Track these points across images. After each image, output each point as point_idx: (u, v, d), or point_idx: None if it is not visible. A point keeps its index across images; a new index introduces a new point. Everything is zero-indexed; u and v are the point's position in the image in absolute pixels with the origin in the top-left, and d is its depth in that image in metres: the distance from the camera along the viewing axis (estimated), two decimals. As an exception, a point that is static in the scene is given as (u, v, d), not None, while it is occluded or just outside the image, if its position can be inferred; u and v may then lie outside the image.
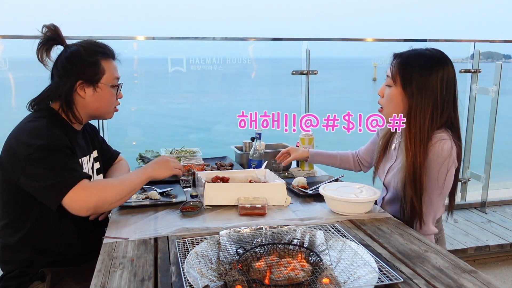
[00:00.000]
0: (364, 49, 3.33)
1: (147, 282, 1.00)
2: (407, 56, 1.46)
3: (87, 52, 1.41)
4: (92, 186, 1.29)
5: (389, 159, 1.62)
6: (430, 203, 1.45)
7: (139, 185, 1.42)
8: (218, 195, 1.50)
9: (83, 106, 1.44)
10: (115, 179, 1.42)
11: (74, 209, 1.26)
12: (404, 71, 1.43)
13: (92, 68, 1.41)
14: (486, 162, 3.41)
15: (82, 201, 1.25)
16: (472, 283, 0.99)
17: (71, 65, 1.40)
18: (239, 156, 2.07)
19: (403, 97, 1.45)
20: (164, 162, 1.51)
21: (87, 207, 1.26)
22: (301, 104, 3.07)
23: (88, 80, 1.41)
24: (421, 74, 1.41)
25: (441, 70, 1.41)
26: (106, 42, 1.50)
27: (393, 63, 1.48)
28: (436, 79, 1.41)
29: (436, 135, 1.41)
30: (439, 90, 1.41)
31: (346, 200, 1.41)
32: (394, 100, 1.47)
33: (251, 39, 2.97)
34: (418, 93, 1.42)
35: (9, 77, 2.87)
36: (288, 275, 0.93)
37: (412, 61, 1.44)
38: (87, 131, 1.59)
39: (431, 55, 1.44)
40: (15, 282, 1.34)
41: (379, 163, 1.67)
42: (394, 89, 1.47)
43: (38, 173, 1.24)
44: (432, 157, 1.40)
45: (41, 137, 1.27)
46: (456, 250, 2.79)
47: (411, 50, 1.48)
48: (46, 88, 1.43)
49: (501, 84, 3.21)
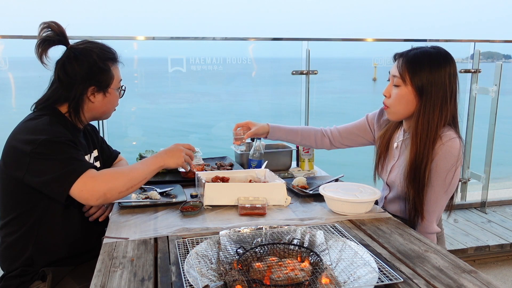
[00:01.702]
0: (364, 49, 3.33)
1: (147, 282, 1.00)
2: (413, 54, 1.45)
3: (101, 59, 1.41)
4: (101, 175, 1.28)
5: (392, 158, 1.62)
6: (435, 202, 1.45)
7: (150, 174, 1.38)
8: (218, 195, 1.50)
9: (90, 110, 1.44)
10: (125, 168, 1.39)
11: (83, 198, 1.25)
12: (414, 69, 1.43)
13: (105, 75, 1.42)
14: (486, 162, 3.41)
15: (91, 189, 1.24)
16: (472, 283, 0.99)
17: (85, 71, 1.38)
18: (239, 156, 2.07)
19: (413, 96, 1.45)
20: (176, 150, 1.45)
21: (97, 195, 1.25)
22: (301, 104, 3.07)
23: (100, 86, 1.42)
24: (430, 71, 1.42)
25: (448, 65, 1.43)
26: (106, 42, 1.50)
27: (399, 62, 1.47)
28: (445, 74, 1.42)
29: (445, 134, 1.42)
30: (447, 85, 1.43)
31: (346, 200, 1.41)
32: (404, 100, 1.47)
33: (251, 39, 2.97)
34: (428, 90, 1.42)
35: (9, 77, 2.87)
36: (288, 275, 0.93)
37: (420, 59, 1.44)
38: (88, 130, 1.60)
39: (436, 52, 1.45)
40: (16, 281, 1.34)
41: (380, 161, 1.66)
42: (403, 88, 1.46)
43: (44, 166, 1.24)
44: (443, 156, 1.40)
45: (43, 132, 1.27)
46: (456, 250, 2.79)
47: (413, 49, 1.48)
48: (53, 91, 1.41)
49: (501, 84, 3.21)
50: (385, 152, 1.65)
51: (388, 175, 1.62)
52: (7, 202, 1.37)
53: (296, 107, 3.11)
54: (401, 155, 1.57)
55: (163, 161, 1.41)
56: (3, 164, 1.33)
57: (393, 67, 1.51)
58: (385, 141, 1.65)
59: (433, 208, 1.46)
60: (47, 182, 1.24)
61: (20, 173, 1.26)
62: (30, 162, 1.24)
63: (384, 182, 1.67)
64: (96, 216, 1.46)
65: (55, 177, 1.23)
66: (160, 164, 1.40)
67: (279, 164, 2.08)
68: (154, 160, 1.41)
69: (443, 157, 1.40)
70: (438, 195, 1.45)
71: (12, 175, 1.30)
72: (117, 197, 1.31)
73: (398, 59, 1.49)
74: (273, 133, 1.83)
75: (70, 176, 1.23)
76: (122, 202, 1.50)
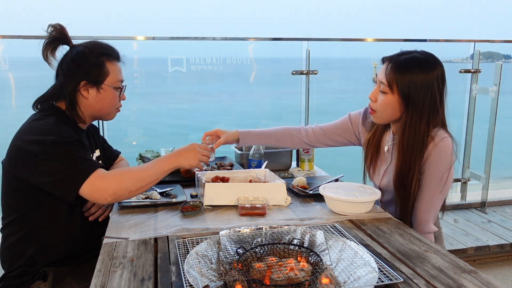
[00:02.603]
0: (364, 49, 3.33)
1: (147, 282, 1.00)
2: (402, 61, 1.41)
3: (92, 53, 1.41)
4: (110, 174, 1.29)
5: (383, 161, 1.60)
6: (432, 202, 1.45)
7: (162, 174, 1.37)
8: (218, 195, 1.50)
9: (86, 107, 1.44)
10: (137, 167, 1.38)
11: (93, 198, 1.26)
12: (402, 78, 1.39)
13: (97, 69, 1.41)
14: (486, 162, 3.41)
15: (101, 189, 1.25)
16: (472, 283, 0.99)
17: (76, 65, 1.40)
18: (239, 156, 2.07)
19: (399, 104, 1.42)
20: (192, 150, 1.43)
21: (106, 195, 1.26)
22: (301, 104, 3.07)
23: (92, 81, 1.41)
24: (418, 77, 1.39)
25: (436, 69, 1.41)
26: (106, 42, 1.50)
27: (387, 69, 1.42)
28: (433, 80, 1.40)
29: (437, 134, 1.41)
30: (436, 91, 1.40)
31: (346, 200, 1.41)
32: (390, 107, 1.44)
33: (251, 39, 2.97)
34: (415, 99, 1.39)
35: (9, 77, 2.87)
36: (288, 275, 0.93)
37: (408, 66, 1.40)
38: (89, 130, 1.60)
39: (424, 58, 1.42)
40: (17, 281, 1.34)
41: (371, 164, 1.63)
42: (390, 96, 1.43)
43: (53, 167, 1.24)
44: (438, 157, 1.40)
45: (51, 133, 1.27)
46: (456, 250, 2.79)
47: (402, 54, 1.44)
48: (51, 87, 1.43)
49: (501, 84, 3.21)
50: (376, 155, 1.61)
51: (381, 179, 1.60)
52: (9, 202, 1.37)
53: (296, 107, 3.10)
54: (393, 159, 1.55)
55: (177, 161, 1.40)
56: (8, 164, 1.33)
57: (380, 71, 1.46)
58: (375, 143, 1.61)
59: (430, 208, 1.46)
60: (56, 183, 1.24)
61: (26, 174, 1.26)
62: (38, 162, 1.24)
63: (376, 186, 1.64)
64: (96, 216, 1.47)
65: (64, 177, 1.24)
66: (174, 164, 1.39)
67: (279, 164, 2.08)
68: (167, 160, 1.39)
69: (438, 157, 1.40)
70: (434, 195, 1.44)
71: (17, 176, 1.30)
72: (127, 196, 1.32)
73: (386, 63, 1.44)
74: (244, 139, 1.73)
75: (79, 176, 1.24)
76: (122, 202, 1.50)
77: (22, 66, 3.06)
